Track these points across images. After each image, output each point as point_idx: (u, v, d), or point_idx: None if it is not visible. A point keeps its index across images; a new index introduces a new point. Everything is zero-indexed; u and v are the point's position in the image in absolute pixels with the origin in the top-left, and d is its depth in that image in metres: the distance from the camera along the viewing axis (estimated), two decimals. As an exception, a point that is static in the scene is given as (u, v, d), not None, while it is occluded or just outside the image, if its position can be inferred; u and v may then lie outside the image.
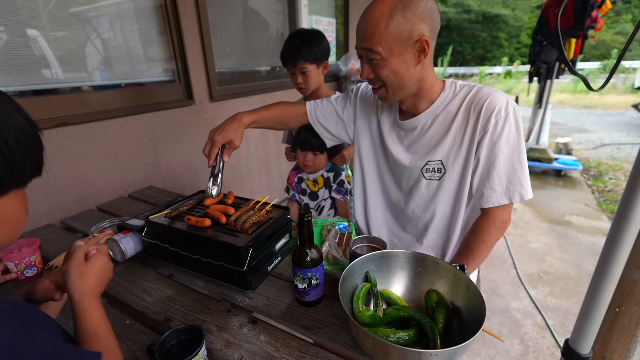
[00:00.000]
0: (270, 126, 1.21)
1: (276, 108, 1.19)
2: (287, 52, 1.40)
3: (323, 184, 1.51)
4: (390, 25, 0.81)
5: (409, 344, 0.72)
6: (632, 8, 18.04)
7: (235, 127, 1.06)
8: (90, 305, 0.59)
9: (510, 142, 0.90)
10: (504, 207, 0.95)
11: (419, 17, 0.82)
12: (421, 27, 0.83)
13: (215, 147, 1.03)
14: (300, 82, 1.44)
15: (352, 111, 1.19)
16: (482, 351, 1.79)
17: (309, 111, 1.22)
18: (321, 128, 1.23)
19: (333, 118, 1.21)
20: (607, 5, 3.52)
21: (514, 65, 15.43)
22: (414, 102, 0.98)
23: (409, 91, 0.94)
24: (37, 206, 1.44)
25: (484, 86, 0.94)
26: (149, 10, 1.84)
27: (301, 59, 1.38)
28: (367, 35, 0.85)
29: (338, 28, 3.75)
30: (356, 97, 1.18)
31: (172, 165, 2.03)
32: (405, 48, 0.84)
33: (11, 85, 1.38)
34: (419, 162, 1.02)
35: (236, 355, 0.74)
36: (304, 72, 1.41)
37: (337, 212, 1.56)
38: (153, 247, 1.06)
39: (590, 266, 2.49)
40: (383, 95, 0.96)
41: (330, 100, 1.22)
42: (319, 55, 1.41)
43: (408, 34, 0.82)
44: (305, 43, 1.38)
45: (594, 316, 0.73)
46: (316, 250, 0.83)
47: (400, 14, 0.81)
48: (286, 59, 1.42)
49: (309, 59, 1.39)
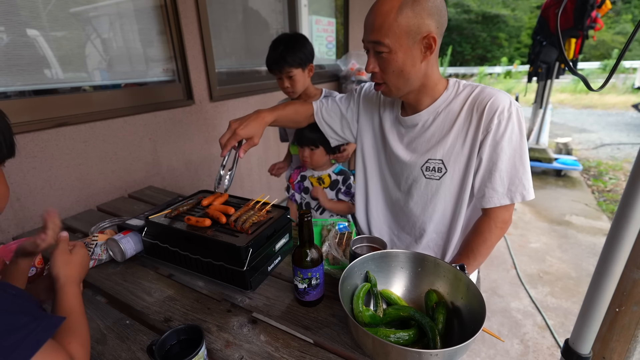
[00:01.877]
0: (285, 125, 1.24)
1: (291, 107, 1.20)
2: (272, 59, 1.42)
3: (329, 185, 1.51)
4: (400, 18, 0.81)
5: (409, 344, 0.72)
6: (632, 8, 18.04)
7: (258, 125, 1.03)
8: (71, 289, 0.67)
9: (512, 142, 0.89)
10: (505, 208, 0.95)
11: (427, 12, 0.82)
12: (429, 23, 0.83)
13: (234, 140, 0.99)
14: (288, 87, 1.47)
15: (355, 110, 1.19)
16: (482, 351, 1.79)
17: (315, 111, 1.23)
18: (327, 127, 1.24)
19: (338, 117, 1.22)
20: (607, 5, 3.52)
21: (514, 66, 15.43)
22: (416, 97, 0.98)
23: (413, 87, 0.94)
24: (37, 206, 1.44)
25: (487, 86, 0.94)
26: (149, 10, 1.84)
27: (286, 64, 1.40)
28: (376, 27, 0.84)
29: (338, 28, 3.75)
30: (360, 96, 1.18)
31: (172, 165, 2.03)
32: (412, 43, 0.84)
33: (11, 85, 1.38)
34: (419, 160, 1.02)
35: (236, 355, 0.74)
36: (290, 76, 1.43)
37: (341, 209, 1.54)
38: (153, 247, 1.06)
39: (590, 266, 2.49)
40: (386, 91, 0.96)
41: (335, 99, 1.23)
42: (304, 60, 1.43)
43: (416, 28, 0.83)
44: (290, 48, 1.39)
45: (594, 316, 0.73)
46: (316, 250, 0.83)
47: (410, 7, 0.81)
48: (271, 65, 1.43)
49: (294, 64, 1.41)
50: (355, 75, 3.48)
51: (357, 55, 3.63)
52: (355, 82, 3.47)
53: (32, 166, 1.40)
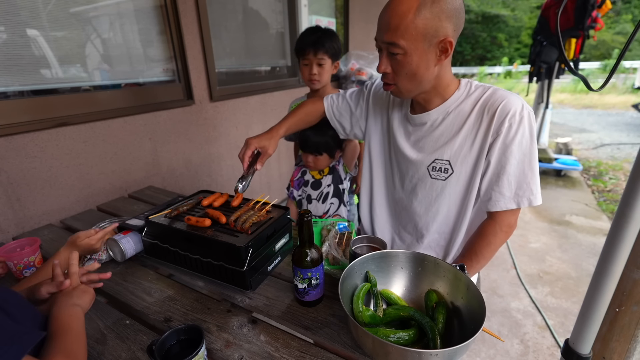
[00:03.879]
0: (300, 128, 1.26)
1: (301, 111, 1.23)
2: (309, 41, 1.40)
3: (328, 171, 1.51)
4: (417, 19, 0.79)
5: (409, 344, 0.72)
6: (632, 8, 18.05)
7: (270, 137, 1.12)
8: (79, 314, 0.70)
9: (522, 146, 0.88)
10: (511, 212, 0.94)
11: (446, 15, 0.79)
12: (447, 26, 0.80)
13: (249, 150, 1.08)
14: (315, 74, 1.43)
15: (364, 107, 1.18)
16: (482, 351, 1.79)
17: (326, 107, 1.23)
18: (337, 124, 1.24)
19: (348, 114, 1.21)
20: (607, 5, 3.52)
21: (514, 66, 15.44)
22: (427, 97, 0.97)
23: (424, 89, 0.93)
24: (37, 206, 1.44)
25: (500, 88, 0.92)
26: (149, 10, 1.84)
27: (322, 49, 1.40)
28: (392, 28, 0.82)
29: (338, 28, 3.75)
30: (369, 93, 1.17)
31: (172, 165, 2.03)
32: (428, 46, 0.82)
33: (11, 85, 1.38)
34: (426, 159, 1.00)
35: (236, 355, 0.74)
36: (321, 63, 1.42)
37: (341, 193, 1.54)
38: (153, 247, 1.06)
39: (590, 266, 2.49)
40: (396, 92, 0.95)
41: (345, 96, 1.23)
42: (336, 52, 1.45)
43: (434, 31, 0.80)
44: (328, 36, 1.41)
45: (594, 316, 0.73)
46: (316, 250, 0.83)
47: (428, 9, 0.78)
48: (307, 47, 1.41)
49: (329, 52, 1.41)
50: (355, 75, 3.48)
51: (357, 55, 3.63)
52: (355, 82, 3.47)
53: (32, 166, 1.40)
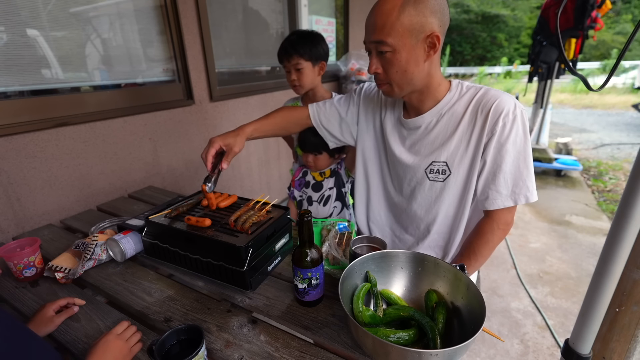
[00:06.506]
0: (273, 133, 1.21)
1: (277, 115, 1.19)
2: (282, 47, 1.40)
3: (330, 174, 1.50)
4: (402, 16, 0.81)
5: (409, 344, 0.72)
6: (632, 8, 18.03)
7: (235, 134, 1.07)
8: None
9: (517, 144, 0.89)
10: (508, 210, 0.94)
11: (430, 10, 0.81)
12: (432, 21, 0.82)
13: (212, 148, 1.02)
14: (294, 79, 1.42)
15: (355, 112, 1.18)
16: (482, 351, 1.79)
17: (312, 115, 1.21)
18: (325, 132, 1.22)
19: (337, 121, 1.20)
20: (607, 5, 3.52)
21: (514, 66, 15.43)
22: (419, 98, 0.97)
23: (416, 87, 0.93)
24: (37, 206, 1.44)
25: (491, 88, 0.93)
26: (149, 10, 1.84)
27: (296, 54, 1.36)
28: (378, 27, 0.84)
29: (338, 28, 3.75)
30: (359, 97, 1.17)
31: (172, 165, 2.03)
32: (416, 42, 0.84)
33: (11, 85, 1.38)
34: (423, 162, 1.01)
35: (236, 355, 0.74)
36: (298, 68, 1.39)
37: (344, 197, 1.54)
38: (153, 247, 1.06)
39: (590, 266, 2.49)
40: (389, 91, 0.95)
41: (332, 102, 1.21)
42: (315, 54, 1.39)
43: (420, 27, 0.82)
44: (301, 39, 1.37)
45: (594, 316, 0.73)
46: (316, 250, 0.83)
47: (412, 5, 0.80)
48: (281, 53, 1.41)
49: (304, 56, 1.37)
50: (356, 75, 3.48)
51: (357, 55, 3.63)
52: (355, 82, 3.47)
53: (32, 166, 1.40)
